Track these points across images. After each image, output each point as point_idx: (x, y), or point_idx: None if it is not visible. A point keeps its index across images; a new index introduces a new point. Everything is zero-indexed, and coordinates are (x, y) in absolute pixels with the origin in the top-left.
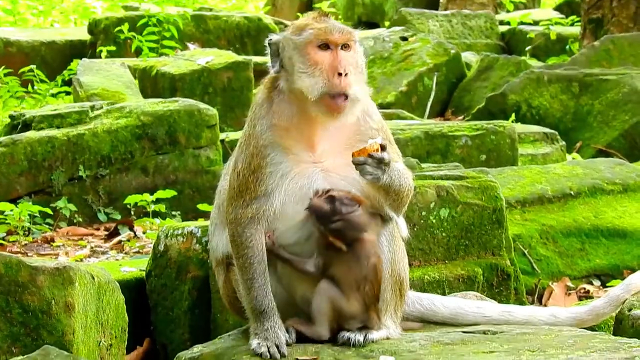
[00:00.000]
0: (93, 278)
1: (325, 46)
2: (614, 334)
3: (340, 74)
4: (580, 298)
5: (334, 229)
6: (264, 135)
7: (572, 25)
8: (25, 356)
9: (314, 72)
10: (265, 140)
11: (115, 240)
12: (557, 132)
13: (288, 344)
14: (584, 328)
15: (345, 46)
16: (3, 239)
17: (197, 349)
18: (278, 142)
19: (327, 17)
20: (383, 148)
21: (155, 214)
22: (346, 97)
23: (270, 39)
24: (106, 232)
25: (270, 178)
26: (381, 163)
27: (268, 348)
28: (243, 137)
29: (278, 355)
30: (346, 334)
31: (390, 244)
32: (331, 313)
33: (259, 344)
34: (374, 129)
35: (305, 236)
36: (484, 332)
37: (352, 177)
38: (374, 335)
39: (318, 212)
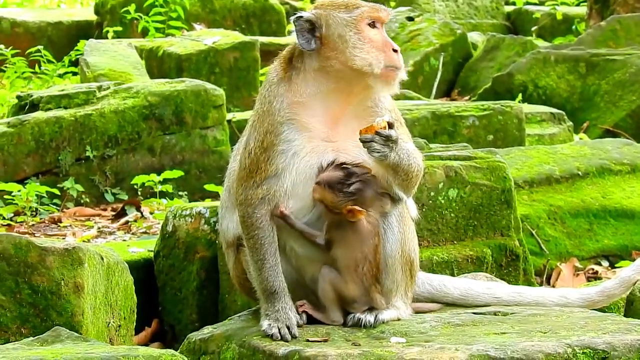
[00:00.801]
0: (102, 259)
1: (373, 24)
2: (625, 316)
3: (395, 50)
4: (588, 279)
5: (353, 192)
6: (282, 112)
7: (577, 5)
8: (35, 337)
9: (370, 48)
10: (282, 117)
11: (123, 220)
12: (564, 112)
13: (299, 325)
14: (594, 309)
15: (384, 25)
16: (11, 219)
17: (207, 330)
18: (296, 119)
19: None
20: (390, 126)
21: (162, 195)
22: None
23: (301, 16)
24: (113, 213)
25: (281, 156)
26: (388, 140)
27: (279, 329)
28: (255, 116)
29: (289, 337)
30: (357, 315)
31: (400, 224)
32: (336, 297)
33: (269, 324)
34: (387, 110)
35: (316, 216)
36: (495, 314)
37: (364, 157)
38: (384, 315)
39: (332, 180)
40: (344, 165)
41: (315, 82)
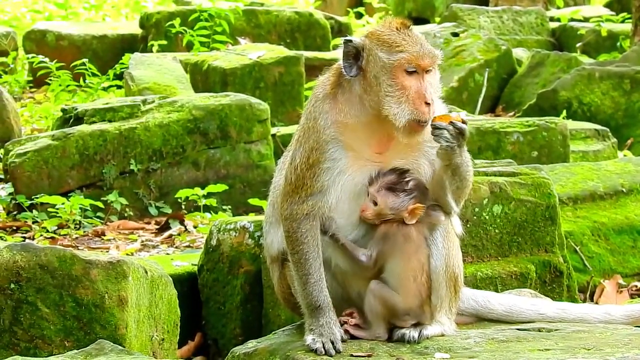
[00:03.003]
0: (146, 272)
1: (412, 70)
2: None
3: (427, 104)
4: (632, 296)
5: (412, 188)
6: (327, 131)
7: (622, 22)
8: (80, 350)
9: (400, 97)
10: (327, 135)
11: (166, 234)
12: (608, 129)
13: (343, 340)
14: (639, 326)
15: (429, 70)
16: (54, 232)
17: (251, 344)
18: (341, 139)
19: (411, 31)
20: (464, 122)
21: (206, 208)
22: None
23: (350, 40)
24: (157, 226)
25: (326, 174)
26: (460, 134)
27: (323, 344)
28: (301, 131)
29: (333, 352)
30: (401, 330)
31: (444, 240)
32: (385, 312)
33: (313, 339)
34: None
35: (361, 234)
36: (539, 330)
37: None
38: (428, 331)
39: (390, 182)
40: (395, 169)
41: (359, 107)
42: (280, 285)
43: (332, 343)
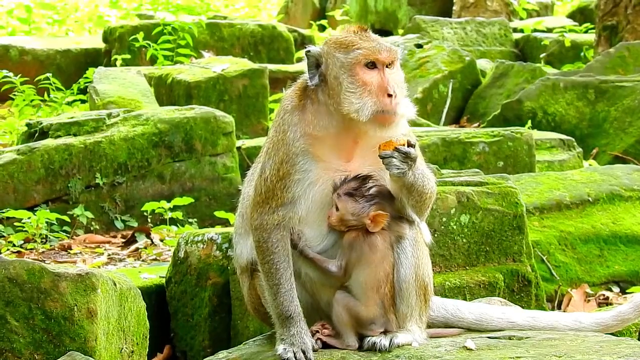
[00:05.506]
0: (115, 284)
1: (372, 65)
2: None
3: (390, 95)
4: (599, 305)
5: (373, 195)
6: (297, 143)
7: (586, 32)
8: None
9: (362, 93)
10: (297, 147)
11: (132, 247)
12: (573, 139)
13: (314, 350)
14: (608, 333)
15: (390, 64)
16: (21, 246)
17: (222, 354)
18: (310, 151)
19: (368, 32)
20: (410, 145)
21: (172, 221)
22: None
23: (309, 50)
24: (123, 240)
25: (297, 185)
26: (407, 158)
27: (294, 353)
28: (270, 144)
29: None
30: (372, 339)
31: (414, 249)
32: (351, 322)
33: (285, 349)
34: (403, 135)
35: (331, 243)
36: (510, 338)
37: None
38: (399, 339)
39: (350, 188)
40: (358, 175)
41: (329, 115)
42: (249, 295)
43: (304, 352)
